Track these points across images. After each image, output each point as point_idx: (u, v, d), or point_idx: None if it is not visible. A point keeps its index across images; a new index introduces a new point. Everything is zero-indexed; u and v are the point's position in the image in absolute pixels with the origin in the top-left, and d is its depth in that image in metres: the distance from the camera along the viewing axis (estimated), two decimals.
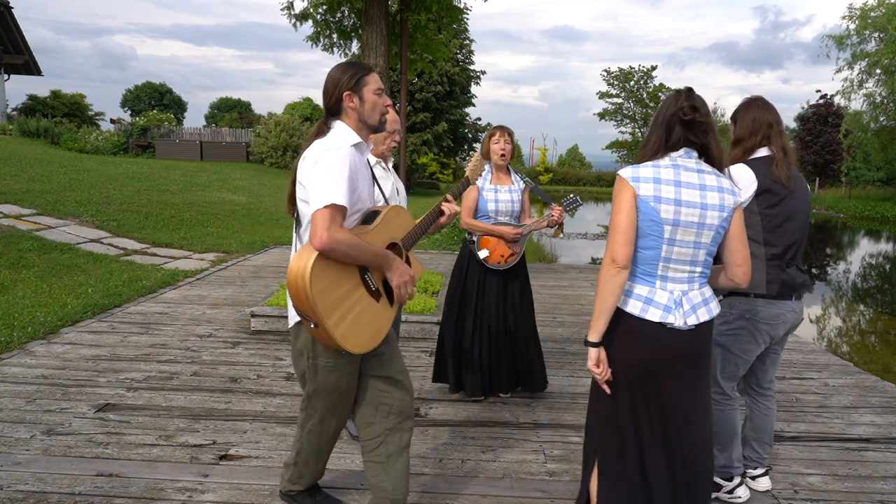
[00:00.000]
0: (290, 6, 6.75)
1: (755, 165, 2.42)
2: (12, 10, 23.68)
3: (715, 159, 1.91)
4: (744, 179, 2.39)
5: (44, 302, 5.53)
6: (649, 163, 1.88)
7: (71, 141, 21.56)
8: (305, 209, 1.95)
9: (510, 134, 3.50)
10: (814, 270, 12.27)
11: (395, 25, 6.68)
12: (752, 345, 2.51)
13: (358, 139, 2.01)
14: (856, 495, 2.73)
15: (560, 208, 3.42)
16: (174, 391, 3.71)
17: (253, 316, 5.01)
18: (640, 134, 47.57)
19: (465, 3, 8.13)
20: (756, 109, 2.50)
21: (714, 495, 2.62)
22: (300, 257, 1.84)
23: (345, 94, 1.98)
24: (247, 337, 4.86)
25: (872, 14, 25.49)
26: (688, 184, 1.84)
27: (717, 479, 2.64)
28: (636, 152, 3.71)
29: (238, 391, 3.74)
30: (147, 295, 6.07)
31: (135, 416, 3.35)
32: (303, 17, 6.80)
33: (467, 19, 30.89)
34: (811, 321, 8.15)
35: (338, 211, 1.81)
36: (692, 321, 1.86)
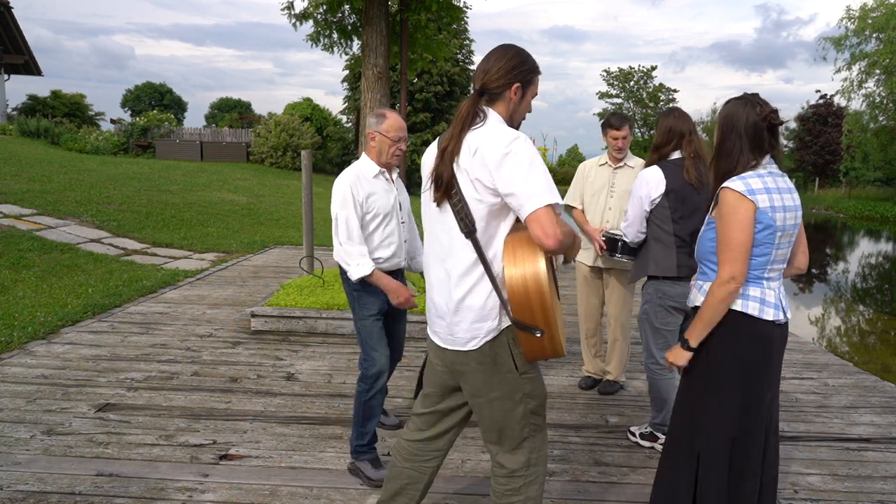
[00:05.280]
0: (290, 6, 6.75)
1: (666, 168, 2.85)
2: (12, 10, 23.68)
3: (779, 161, 2.02)
4: (653, 180, 2.84)
5: (44, 302, 5.53)
6: (752, 173, 1.93)
7: (71, 141, 21.58)
8: (481, 209, 1.73)
9: None
10: (814, 270, 12.27)
11: (395, 25, 6.68)
12: (670, 317, 2.93)
13: None
14: (856, 495, 2.74)
15: None
16: (174, 391, 3.71)
17: (253, 316, 5.02)
18: (639, 134, 47.53)
19: (464, 3, 8.13)
20: (672, 119, 2.90)
21: (650, 445, 3.12)
22: (523, 262, 1.68)
23: (516, 84, 1.79)
24: (247, 337, 4.86)
25: (872, 15, 25.50)
26: (783, 189, 1.95)
27: (657, 432, 3.12)
28: (636, 152, 3.75)
29: (238, 391, 3.74)
30: (147, 295, 6.08)
31: (135, 415, 3.35)
32: (303, 16, 6.80)
33: (467, 19, 30.89)
34: (811, 321, 8.15)
35: (555, 208, 1.66)
36: (789, 314, 2.03)
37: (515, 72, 1.78)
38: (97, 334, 4.77)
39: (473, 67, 32.32)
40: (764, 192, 1.89)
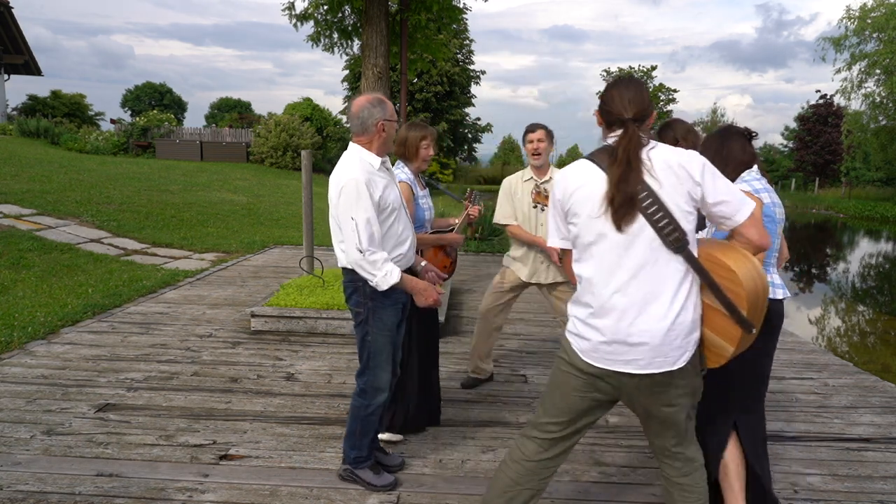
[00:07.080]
0: (291, 6, 6.75)
1: None
2: (12, 9, 23.69)
3: (760, 169, 2.38)
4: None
5: (44, 302, 5.53)
6: (752, 177, 2.33)
7: (71, 141, 21.59)
8: (691, 220, 1.76)
9: (433, 137, 3.19)
10: (814, 270, 12.27)
11: (395, 25, 6.68)
12: None
13: None
14: (856, 495, 2.74)
15: (477, 206, 3.33)
16: (174, 391, 3.71)
17: (253, 316, 5.02)
18: None
19: (464, 3, 8.13)
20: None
21: None
22: (745, 260, 1.75)
23: (654, 112, 1.89)
24: (247, 337, 4.86)
25: (872, 15, 25.51)
26: (771, 189, 2.33)
27: None
28: None
29: (238, 391, 3.74)
30: (147, 295, 6.07)
31: (135, 416, 3.35)
32: (304, 17, 6.80)
33: (467, 19, 30.92)
34: (811, 321, 8.15)
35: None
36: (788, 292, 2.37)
37: (651, 102, 1.90)
38: (97, 334, 4.77)
39: (473, 67, 32.00)
40: (764, 190, 2.28)
